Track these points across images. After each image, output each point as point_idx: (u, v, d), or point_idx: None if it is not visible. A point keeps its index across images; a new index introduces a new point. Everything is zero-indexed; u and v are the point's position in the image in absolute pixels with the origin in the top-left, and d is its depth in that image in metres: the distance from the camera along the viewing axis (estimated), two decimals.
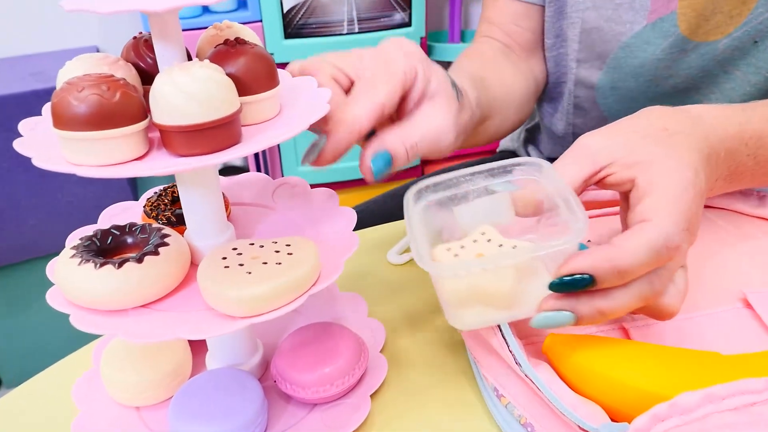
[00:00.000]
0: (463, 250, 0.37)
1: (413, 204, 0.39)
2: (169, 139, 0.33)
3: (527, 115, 0.67)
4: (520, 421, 0.37)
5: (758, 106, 0.44)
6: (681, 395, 0.31)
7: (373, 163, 0.41)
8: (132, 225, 0.39)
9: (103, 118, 0.31)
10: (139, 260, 0.35)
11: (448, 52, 1.77)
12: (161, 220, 0.41)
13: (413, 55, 0.43)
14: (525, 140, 0.85)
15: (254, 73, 0.36)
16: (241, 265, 0.35)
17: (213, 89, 0.31)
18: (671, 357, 0.35)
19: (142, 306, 0.36)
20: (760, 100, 0.46)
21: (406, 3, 1.54)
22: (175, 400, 0.38)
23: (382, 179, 0.41)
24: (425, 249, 0.36)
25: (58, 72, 0.36)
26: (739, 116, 0.42)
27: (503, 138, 0.70)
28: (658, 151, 0.37)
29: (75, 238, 0.39)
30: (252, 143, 0.34)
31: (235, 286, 0.33)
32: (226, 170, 1.68)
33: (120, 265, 0.34)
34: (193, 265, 0.39)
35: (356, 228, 0.42)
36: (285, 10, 1.45)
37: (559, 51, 0.67)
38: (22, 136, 0.35)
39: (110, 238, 0.38)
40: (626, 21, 0.59)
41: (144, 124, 0.33)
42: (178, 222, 0.41)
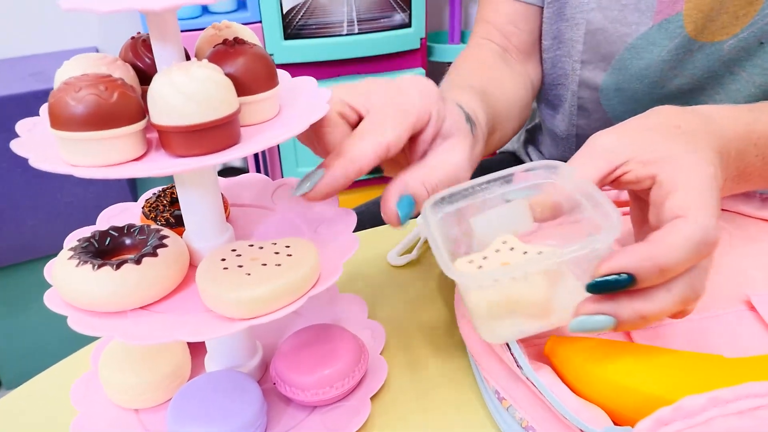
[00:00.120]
0: (486, 261, 0.35)
1: (431, 215, 0.38)
2: (168, 140, 0.32)
3: (526, 120, 0.66)
4: (522, 424, 0.37)
5: (765, 106, 0.44)
6: (685, 399, 0.30)
7: (399, 208, 0.39)
8: (130, 226, 0.38)
9: (100, 119, 0.31)
10: (138, 262, 0.34)
11: (447, 52, 1.77)
12: (160, 221, 0.41)
13: (429, 95, 0.41)
14: (525, 141, 0.85)
15: (253, 73, 0.35)
16: (240, 266, 0.35)
17: (211, 89, 0.31)
18: (674, 360, 0.35)
19: (141, 308, 0.35)
20: (766, 101, 0.46)
21: (405, 4, 1.53)
22: (174, 403, 0.38)
23: (406, 222, 0.40)
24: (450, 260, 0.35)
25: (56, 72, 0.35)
26: (747, 117, 0.42)
27: (505, 145, 0.69)
28: (677, 147, 0.36)
29: (73, 239, 0.39)
30: (251, 144, 0.33)
31: (234, 287, 0.33)
32: (226, 171, 1.68)
33: (118, 266, 0.34)
34: (192, 266, 0.38)
35: (356, 229, 0.42)
36: (284, 11, 1.45)
37: (556, 53, 0.67)
38: (20, 136, 0.35)
39: (108, 239, 0.38)
40: (632, 22, 0.58)
41: (142, 124, 0.32)
42: (177, 223, 0.41)
